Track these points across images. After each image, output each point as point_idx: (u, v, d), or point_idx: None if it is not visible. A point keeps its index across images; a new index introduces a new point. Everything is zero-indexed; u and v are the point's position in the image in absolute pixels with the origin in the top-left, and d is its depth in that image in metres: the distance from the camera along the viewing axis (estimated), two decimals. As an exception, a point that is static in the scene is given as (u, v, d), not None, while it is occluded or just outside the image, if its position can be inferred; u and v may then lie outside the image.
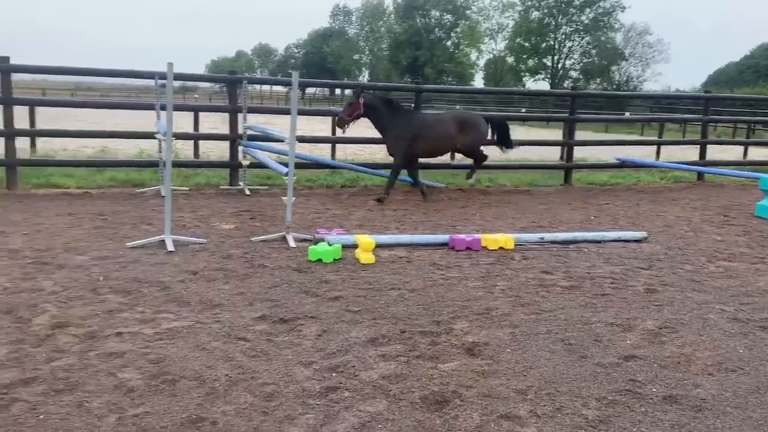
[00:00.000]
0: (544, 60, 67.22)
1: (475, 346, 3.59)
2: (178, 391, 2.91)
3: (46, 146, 12.27)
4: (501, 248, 5.91)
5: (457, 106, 44.70)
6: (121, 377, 3.02)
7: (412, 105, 10.16)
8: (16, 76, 8.10)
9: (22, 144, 9.15)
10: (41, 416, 2.65)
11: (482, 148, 9.09)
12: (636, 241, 6.45)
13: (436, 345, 3.59)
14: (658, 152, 15.75)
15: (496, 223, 7.23)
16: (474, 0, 74.14)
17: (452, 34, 75.95)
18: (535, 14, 66.23)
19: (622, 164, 11.28)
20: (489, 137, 9.18)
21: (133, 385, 2.94)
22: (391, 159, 8.72)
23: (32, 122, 12.97)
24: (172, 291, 4.32)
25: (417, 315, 4.07)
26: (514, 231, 6.60)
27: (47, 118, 13.68)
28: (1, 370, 3.03)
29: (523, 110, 40.43)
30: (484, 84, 73.95)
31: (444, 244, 5.92)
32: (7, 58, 7.88)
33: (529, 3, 65.99)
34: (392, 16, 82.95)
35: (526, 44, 66.60)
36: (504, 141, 9.29)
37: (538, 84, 68.32)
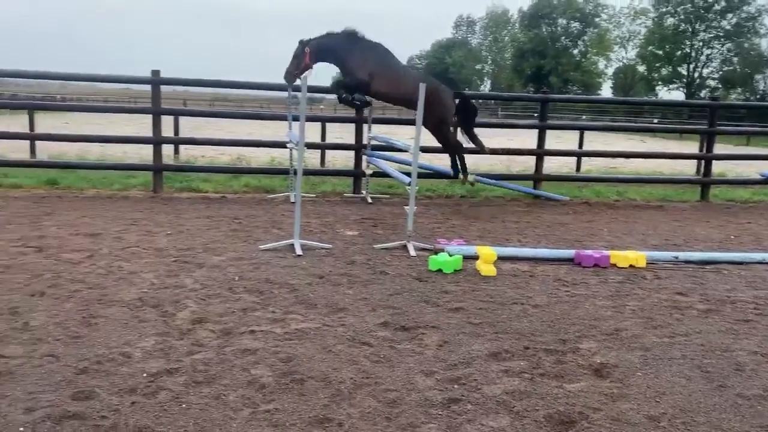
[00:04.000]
0: (679, 68, 63.37)
1: (603, 368, 3.45)
2: (306, 391, 3.03)
3: (187, 153, 13.26)
4: (631, 266, 5.64)
5: (583, 117, 43.19)
6: (254, 373, 3.19)
7: (536, 114, 9.93)
8: (163, 88, 8.79)
9: (167, 151, 9.94)
10: (183, 405, 2.85)
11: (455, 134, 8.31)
12: (785, 264, 5.92)
13: (561, 364, 3.49)
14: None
15: (626, 239, 6.90)
16: (603, 7, 71.53)
17: (579, 42, 73.59)
18: (670, 21, 62.66)
19: (767, 180, 10.39)
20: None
21: (264, 382, 3.10)
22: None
23: (176, 131, 14.06)
24: (300, 293, 4.51)
25: (541, 331, 3.97)
26: (645, 248, 6.28)
27: (189, 127, 14.74)
28: (149, 360, 3.31)
29: (655, 121, 38.31)
30: (613, 94, 71.02)
31: (570, 260, 5.74)
32: (158, 72, 8.60)
33: (664, 9, 62.57)
34: (517, 25, 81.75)
35: (660, 52, 63.13)
36: (466, 124, 8.34)
37: (672, 94, 64.59)
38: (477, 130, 8.27)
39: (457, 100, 8.26)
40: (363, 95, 8.01)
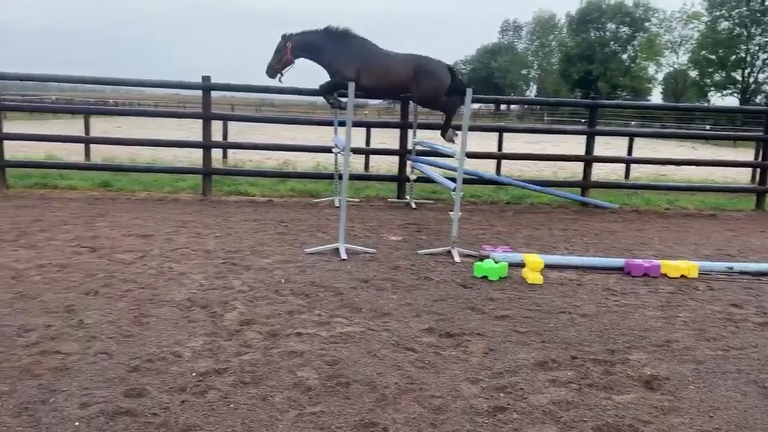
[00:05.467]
0: (733, 74, 61.51)
1: (653, 380, 3.36)
2: (351, 394, 3.04)
3: (235, 157, 13.49)
4: (683, 276, 5.49)
5: (632, 123, 42.36)
6: (300, 375, 3.22)
7: (586, 120, 9.76)
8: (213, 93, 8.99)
9: (215, 155, 10.15)
10: (231, 405, 2.90)
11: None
12: None
13: (610, 375, 3.41)
14: None
15: (677, 248, 6.72)
16: (654, 11, 70.04)
17: (629, 47, 72.21)
18: (724, 24, 60.93)
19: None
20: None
21: (310, 384, 3.12)
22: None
23: (225, 135, 14.33)
24: (345, 297, 4.53)
25: (589, 341, 3.90)
26: (697, 258, 6.11)
27: (234, 131, 14.99)
28: (198, 359, 3.37)
29: (707, 128, 37.23)
30: (663, 99, 69.41)
31: (619, 269, 5.62)
32: (208, 77, 8.79)
33: (718, 13, 60.89)
34: (564, 29, 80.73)
35: (713, 57, 61.45)
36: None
37: (725, 100, 62.71)
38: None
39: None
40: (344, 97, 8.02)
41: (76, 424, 2.68)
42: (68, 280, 4.66)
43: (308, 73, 8.56)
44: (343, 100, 7.85)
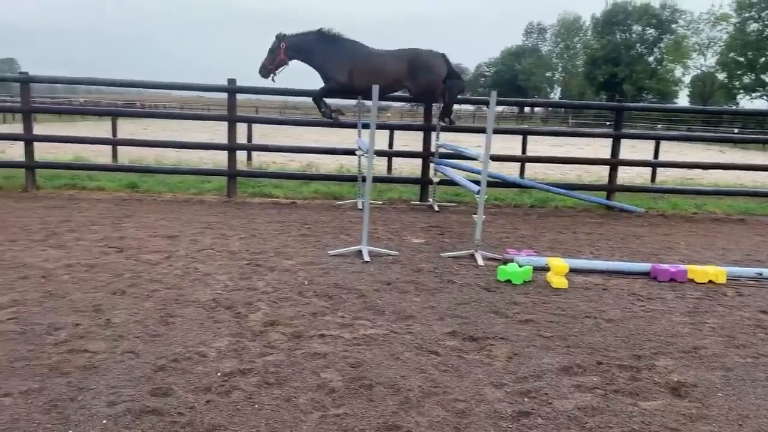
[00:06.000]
0: (762, 76, 60.38)
1: (681, 387, 3.31)
2: (375, 397, 3.04)
3: (259, 159, 13.59)
4: (710, 282, 5.40)
5: (658, 126, 41.85)
6: (323, 377, 3.23)
7: (611, 123, 9.64)
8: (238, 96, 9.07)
9: (240, 157, 10.23)
10: (256, 405, 2.92)
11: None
12: None
13: (636, 381, 3.37)
14: None
15: (705, 253, 6.62)
16: (681, 13, 69.10)
17: (655, 49, 71.32)
18: (753, 26, 59.86)
19: None
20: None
21: (334, 386, 3.13)
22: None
23: (249, 137, 14.44)
24: (368, 299, 4.54)
25: (614, 347, 3.85)
26: (725, 264, 6.00)
27: (257, 134, 15.10)
28: (223, 360, 3.40)
29: (736, 131, 36.65)
30: (690, 102, 68.42)
31: (645, 274, 5.55)
32: (234, 80, 8.87)
33: (747, 15, 59.84)
34: (589, 31, 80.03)
35: (741, 59, 60.39)
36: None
37: (755, 103, 61.59)
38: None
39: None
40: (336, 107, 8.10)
41: (104, 422, 2.71)
42: (96, 279, 4.73)
43: (314, 75, 8.57)
44: (368, 103, 7.86)
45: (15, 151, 11.62)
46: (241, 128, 14.59)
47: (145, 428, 2.68)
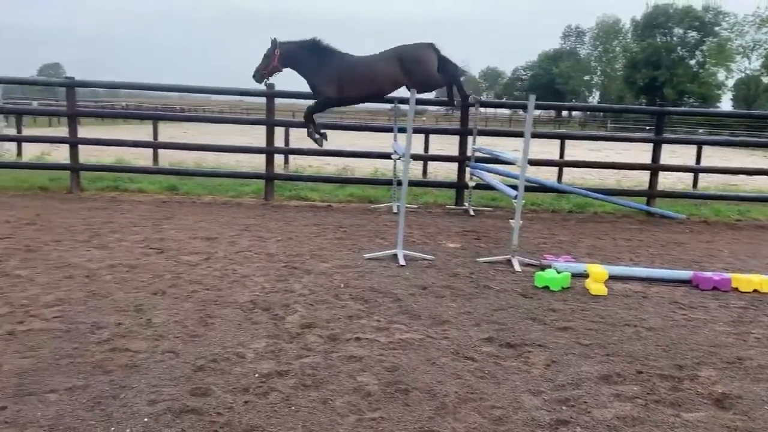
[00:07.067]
0: (811, 79, 58.60)
1: (725, 398, 3.22)
2: (411, 401, 3.03)
3: (295, 163, 13.70)
4: (755, 291, 5.25)
5: (700, 130, 40.92)
6: (359, 380, 3.24)
7: (653, 128, 9.45)
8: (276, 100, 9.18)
9: (277, 160, 10.32)
10: (293, 407, 2.94)
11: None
12: None
13: (678, 391, 3.29)
14: None
15: (749, 262, 6.44)
16: (725, 15, 67.48)
17: (697, 52, 69.77)
18: (801, 28, 58.17)
19: None
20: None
21: (370, 390, 3.13)
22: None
23: (287, 141, 14.58)
24: (404, 303, 4.53)
25: (655, 356, 3.77)
26: (772, 273, 5.83)
27: (293, 137, 15.22)
28: (261, 361, 3.43)
29: (782, 136, 35.58)
30: (733, 106, 66.73)
31: (686, 282, 5.42)
32: (272, 85, 8.97)
33: (795, 16, 58.17)
34: (629, 34, 78.74)
35: (789, 61, 58.67)
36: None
37: (802, 106, 59.75)
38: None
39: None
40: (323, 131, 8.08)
41: (145, 420, 2.77)
42: (137, 280, 4.83)
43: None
44: (406, 107, 7.85)
45: (59, 154, 11.95)
46: (279, 132, 14.76)
47: (185, 427, 2.72)
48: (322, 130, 8.30)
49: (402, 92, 8.30)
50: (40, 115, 28.36)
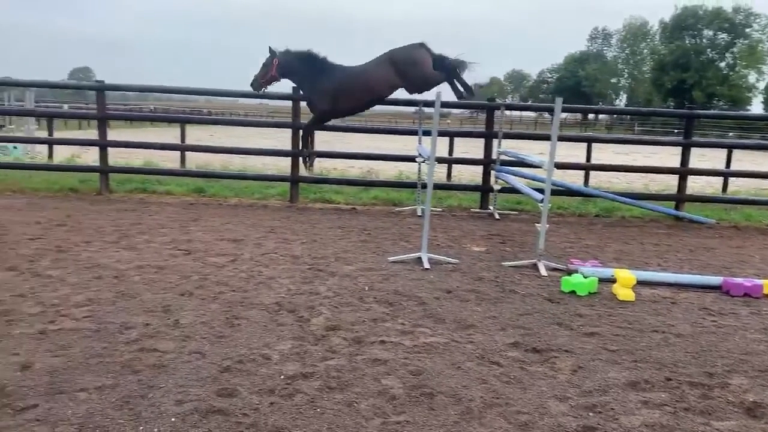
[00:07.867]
0: None
1: (757, 407, 3.15)
2: (436, 406, 3.02)
3: (320, 165, 13.74)
4: (788, 298, 5.14)
5: (730, 134, 40.23)
6: (384, 383, 3.23)
7: (681, 131, 9.31)
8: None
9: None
10: (318, 409, 2.95)
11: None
12: None
13: (707, 399, 3.23)
14: None
15: (782, 268, 6.31)
16: (756, 17, 66.26)
17: (727, 54, 68.59)
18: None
19: None
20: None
21: (395, 393, 3.13)
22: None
23: (312, 144, 14.62)
24: (428, 307, 4.52)
25: (684, 363, 3.71)
26: (805, 279, 5.69)
27: (318, 141, 15.28)
28: (286, 363, 3.45)
29: (815, 139, 34.77)
30: (764, 109, 65.44)
31: (716, 288, 5.33)
32: (297, 89, 9.01)
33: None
34: (657, 36, 77.72)
35: (822, 63, 57.38)
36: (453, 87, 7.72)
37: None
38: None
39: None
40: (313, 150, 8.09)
41: (173, 419, 2.80)
42: (165, 281, 4.89)
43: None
44: (430, 110, 7.84)
45: (89, 156, 12.17)
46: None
47: (212, 428, 2.75)
48: (313, 158, 8.31)
49: (426, 95, 8.27)
50: (71, 118, 28.89)
